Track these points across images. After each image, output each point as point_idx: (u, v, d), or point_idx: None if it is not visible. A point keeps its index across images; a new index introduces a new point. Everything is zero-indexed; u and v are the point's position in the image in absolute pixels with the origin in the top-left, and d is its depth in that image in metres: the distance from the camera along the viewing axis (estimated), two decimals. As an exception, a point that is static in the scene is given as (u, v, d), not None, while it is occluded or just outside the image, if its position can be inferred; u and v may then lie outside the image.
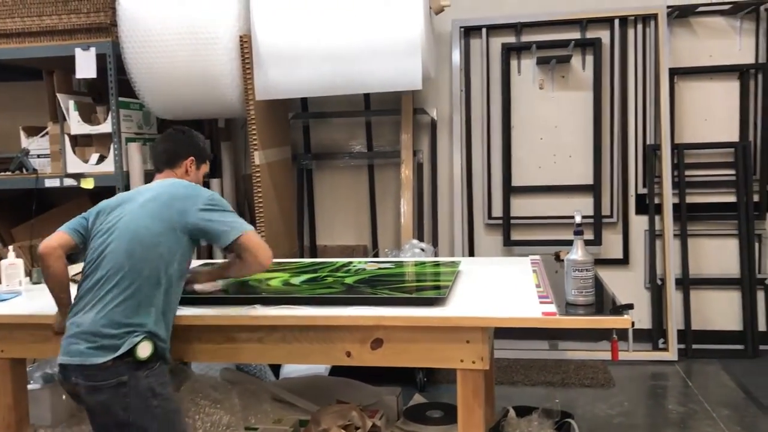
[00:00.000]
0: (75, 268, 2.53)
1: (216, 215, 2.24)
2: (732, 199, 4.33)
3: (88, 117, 4.03)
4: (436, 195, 4.62)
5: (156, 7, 3.69)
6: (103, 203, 2.33)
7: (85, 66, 3.84)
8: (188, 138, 2.50)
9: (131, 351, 2.06)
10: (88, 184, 3.94)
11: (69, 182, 3.98)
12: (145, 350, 2.08)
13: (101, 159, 3.98)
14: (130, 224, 2.19)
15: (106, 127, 3.92)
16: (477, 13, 4.47)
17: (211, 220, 2.22)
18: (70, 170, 3.99)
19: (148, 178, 4.06)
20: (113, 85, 3.87)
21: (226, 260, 2.66)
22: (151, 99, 3.90)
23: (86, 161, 3.99)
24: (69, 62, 3.89)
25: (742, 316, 4.30)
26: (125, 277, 2.12)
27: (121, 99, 3.93)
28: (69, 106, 3.94)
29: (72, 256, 2.34)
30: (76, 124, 3.94)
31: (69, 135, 3.98)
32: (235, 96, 3.79)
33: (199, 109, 3.97)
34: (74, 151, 3.99)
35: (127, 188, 3.91)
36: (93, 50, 3.83)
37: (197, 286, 2.45)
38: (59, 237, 2.27)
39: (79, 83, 4.33)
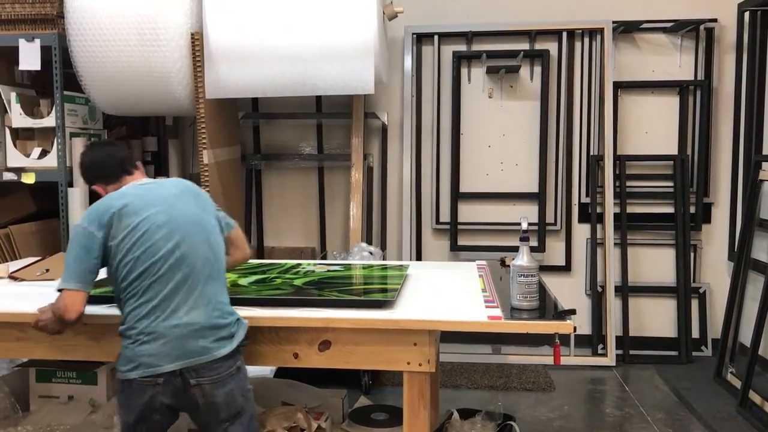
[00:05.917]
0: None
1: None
2: (670, 210, 4.49)
3: (30, 110, 3.92)
4: (386, 199, 4.65)
5: (105, 0, 3.62)
6: (116, 205, 2.09)
7: (29, 58, 3.74)
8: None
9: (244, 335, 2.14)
10: (29, 178, 3.83)
11: (9, 176, 3.85)
12: (245, 331, 2.15)
13: (44, 153, 3.87)
14: (191, 216, 2.17)
15: (49, 121, 3.82)
16: (429, 21, 4.52)
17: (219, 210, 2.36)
18: (11, 164, 3.86)
19: (93, 174, 3.97)
20: (58, 79, 3.77)
21: None
22: (97, 94, 3.81)
23: (28, 155, 3.87)
24: (12, 53, 3.77)
25: (677, 324, 4.45)
26: (214, 267, 2.16)
27: (66, 93, 3.83)
28: (11, 98, 3.82)
29: None
30: (18, 117, 3.83)
31: (10, 128, 3.86)
32: (185, 94, 3.74)
33: (147, 106, 3.90)
34: (15, 145, 3.87)
35: (70, 184, 3.82)
36: (38, 42, 3.73)
37: None
38: (81, 299, 2.06)
39: (23, 75, 4.20)
